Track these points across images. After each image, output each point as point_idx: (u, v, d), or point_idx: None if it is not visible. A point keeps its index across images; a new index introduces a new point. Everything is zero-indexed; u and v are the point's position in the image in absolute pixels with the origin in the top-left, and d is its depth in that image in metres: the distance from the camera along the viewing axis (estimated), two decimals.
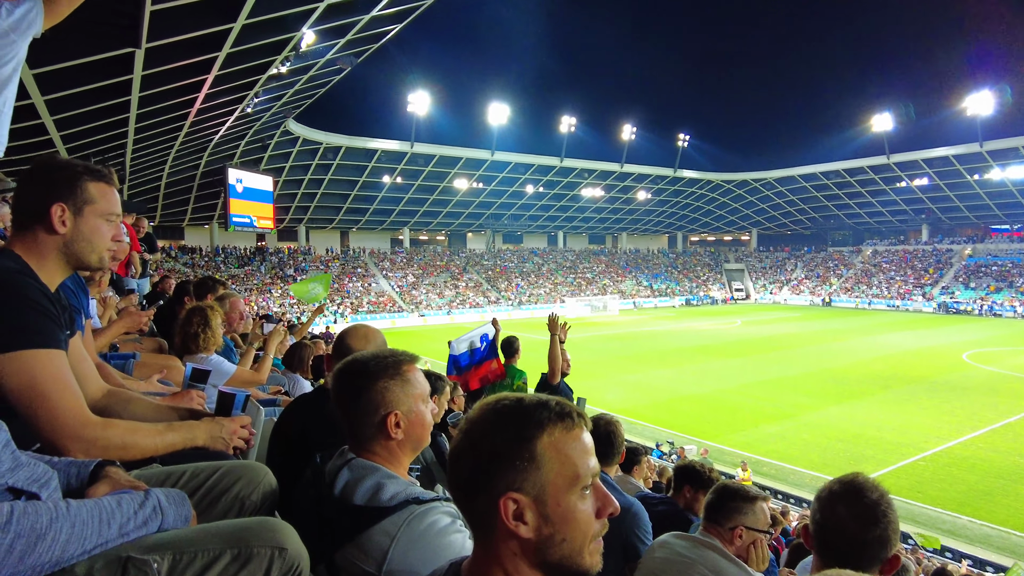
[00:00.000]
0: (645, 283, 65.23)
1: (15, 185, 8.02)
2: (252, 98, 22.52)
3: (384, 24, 21.27)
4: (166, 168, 32.11)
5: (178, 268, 42.56)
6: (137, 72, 14.64)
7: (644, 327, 43.35)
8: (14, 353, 1.33)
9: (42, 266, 1.51)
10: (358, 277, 52.41)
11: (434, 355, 28.77)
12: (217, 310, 3.27)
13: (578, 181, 58.81)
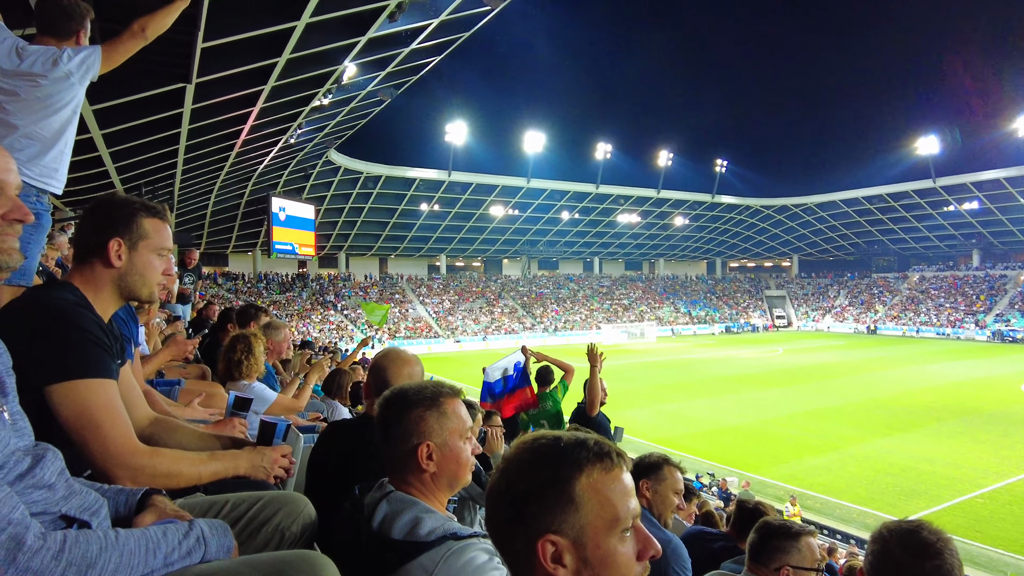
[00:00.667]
0: (683, 310, 64.35)
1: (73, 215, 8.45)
2: (295, 129, 23.21)
3: (423, 56, 21.78)
4: (212, 197, 33.23)
5: (222, 294, 43.69)
6: (187, 106, 15.26)
7: (683, 355, 42.66)
8: (70, 383, 1.38)
9: (98, 298, 1.57)
10: (396, 303, 52.99)
11: (469, 381, 28.79)
12: (260, 337, 3.34)
13: (614, 207, 58.72)
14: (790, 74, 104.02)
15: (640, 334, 53.75)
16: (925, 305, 58.08)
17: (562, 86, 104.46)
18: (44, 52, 2.58)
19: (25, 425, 1.18)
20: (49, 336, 1.40)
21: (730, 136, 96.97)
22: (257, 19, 12.62)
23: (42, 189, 2.63)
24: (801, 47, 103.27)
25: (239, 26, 12.42)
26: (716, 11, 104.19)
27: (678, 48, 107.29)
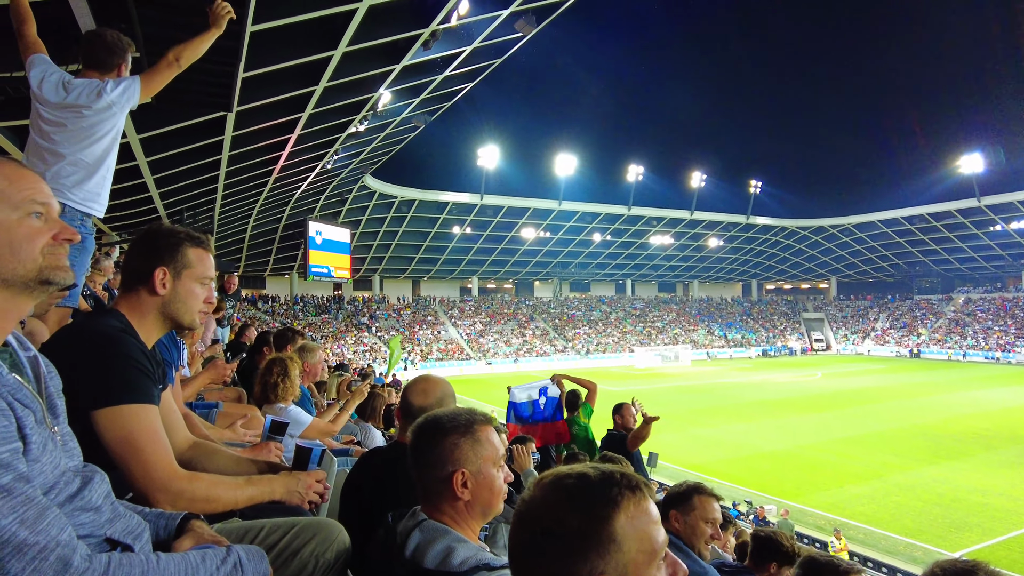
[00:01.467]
0: (719, 333, 63.33)
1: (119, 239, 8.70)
2: (332, 155, 23.73)
3: (456, 83, 22.15)
4: (251, 221, 34.07)
5: (259, 316, 44.53)
6: (228, 133, 15.77)
7: (718, 379, 41.88)
8: (114, 408, 1.43)
9: (143, 324, 1.62)
10: (428, 325, 53.32)
11: (500, 403, 28.65)
12: (296, 361, 3.40)
13: (646, 229, 58.42)
14: (827, 93, 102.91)
15: (674, 357, 52.99)
16: (972, 328, 56.13)
17: (593, 109, 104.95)
18: (88, 84, 2.76)
19: (74, 446, 1.22)
20: (95, 362, 1.45)
21: (764, 156, 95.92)
22: (296, 49, 13.01)
23: (86, 213, 2.78)
24: (838, 67, 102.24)
25: (278, 56, 12.82)
26: (750, 33, 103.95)
27: (711, 70, 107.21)
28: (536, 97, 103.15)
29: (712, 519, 2.91)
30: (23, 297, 1.08)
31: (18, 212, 1.05)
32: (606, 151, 79.62)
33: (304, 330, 44.41)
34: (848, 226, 60.96)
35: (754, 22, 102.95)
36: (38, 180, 1.10)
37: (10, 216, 1.04)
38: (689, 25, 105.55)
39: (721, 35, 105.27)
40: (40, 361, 1.17)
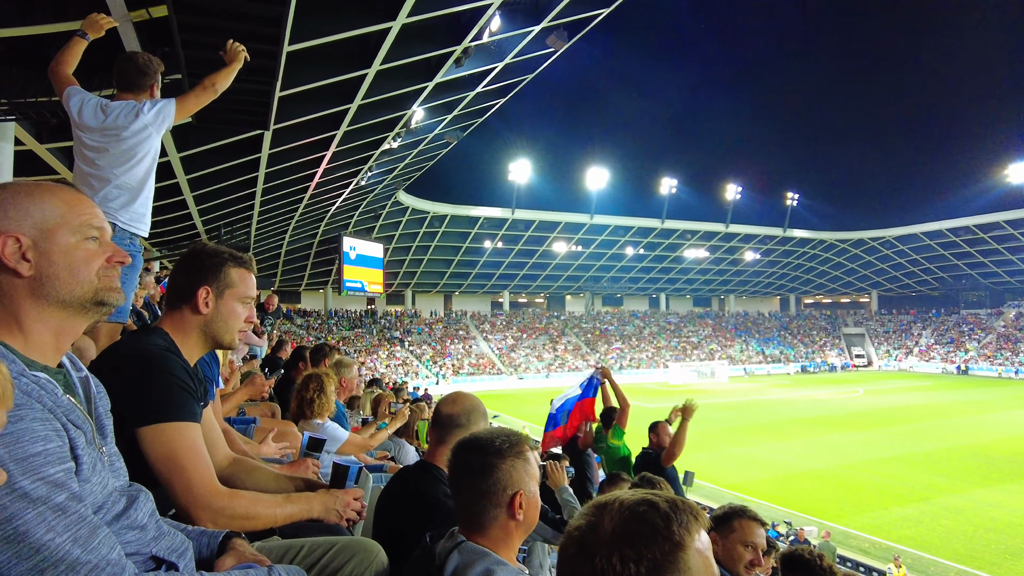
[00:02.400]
0: (756, 348, 62.14)
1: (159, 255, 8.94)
2: (366, 172, 24.09)
3: (488, 99, 22.34)
4: (287, 237, 34.75)
5: (294, 331, 45.27)
6: (265, 151, 16.15)
7: (756, 395, 41.06)
8: (159, 425, 1.45)
9: (186, 343, 1.65)
10: (459, 339, 53.52)
11: (531, 419, 28.51)
12: (332, 377, 3.43)
13: (680, 242, 57.83)
14: (866, 102, 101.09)
15: (711, 374, 52.09)
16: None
17: (625, 122, 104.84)
18: (125, 106, 2.91)
19: (121, 466, 1.24)
20: (140, 381, 1.48)
21: (801, 168, 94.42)
22: (331, 68, 13.29)
23: (133, 233, 2.89)
24: (878, 73, 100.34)
25: (314, 75, 13.11)
26: (785, 42, 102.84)
27: (745, 81, 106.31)
28: (567, 111, 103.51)
29: (752, 543, 2.83)
30: (79, 318, 1.11)
31: (76, 236, 1.09)
32: (638, 164, 79.42)
33: (338, 344, 44.96)
34: (889, 239, 59.41)
35: (789, 31, 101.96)
36: (93, 205, 1.14)
37: (69, 240, 1.08)
38: (722, 36, 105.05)
39: (756, 46, 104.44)
40: (91, 381, 1.20)
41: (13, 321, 1.05)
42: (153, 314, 6.17)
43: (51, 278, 1.06)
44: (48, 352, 1.09)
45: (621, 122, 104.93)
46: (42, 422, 0.96)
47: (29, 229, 1.05)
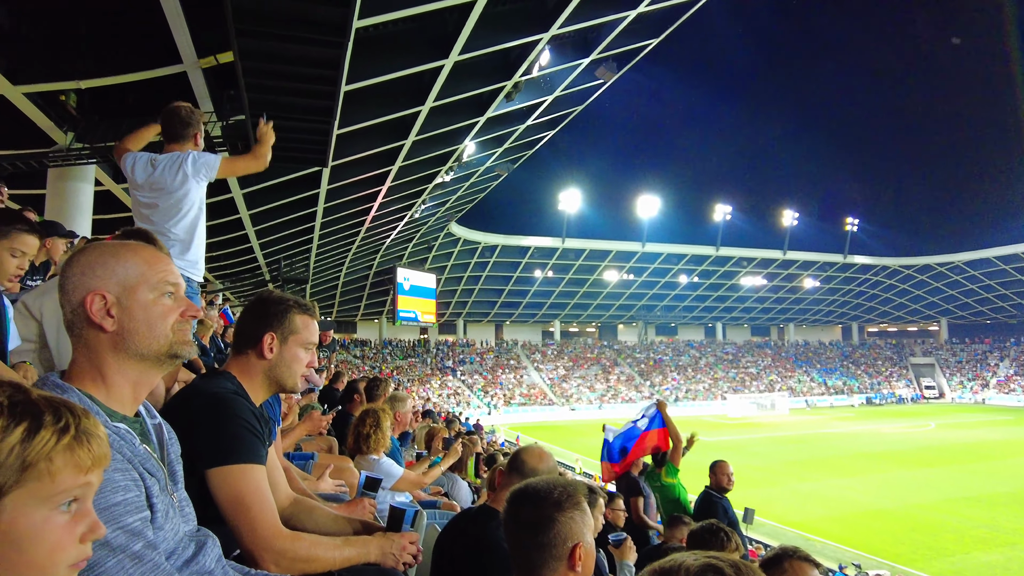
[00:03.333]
0: (818, 379, 59.74)
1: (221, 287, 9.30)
2: (420, 205, 24.60)
3: (538, 131, 22.60)
4: (344, 269, 35.69)
5: (350, 360, 46.14)
6: (323, 187, 16.74)
7: (819, 428, 39.33)
8: (226, 467, 1.50)
9: (251, 386, 1.71)
10: (510, 369, 53.44)
11: (583, 451, 28.07)
12: (387, 412, 3.47)
13: (736, 270, 56.57)
14: (928, 124, 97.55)
15: (770, 406, 50.23)
16: None
17: (675, 149, 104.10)
18: (171, 157, 3.15)
19: (191, 511, 1.28)
20: (210, 423, 1.53)
21: (860, 192, 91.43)
22: (386, 106, 13.72)
23: (189, 278, 3.10)
24: (940, 90, 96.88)
25: (370, 113, 13.56)
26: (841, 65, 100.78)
27: (798, 105, 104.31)
28: (617, 139, 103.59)
29: None
30: (155, 369, 1.17)
31: (154, 292, 1.16)
32: (691, 191, 78.61)
33: (392, 374, 45.48)
34: (958, 264, 56.56)
35: (843, 57, 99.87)
36: (170, 262, 1.21)
37: (148, 296, 1.15)
38: (774, 62, 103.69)
39: (809, 72, 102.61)
40: (163, 428, 1.25)
41: (97, 373, 1.11)
42: (216, 347, 6.40)
43: (131, 332, 1.12)
44: (127, 402, 1.14)
45: (672, 149, 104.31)
46: (122, 472, 1.00)
47: (113, 287, 1.12)
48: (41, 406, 0.72)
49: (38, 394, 0.74)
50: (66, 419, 0.73)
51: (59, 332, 2.35)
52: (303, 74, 8.40)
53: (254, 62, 7.96)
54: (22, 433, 0.69)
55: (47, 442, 0.70)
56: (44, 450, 0.70)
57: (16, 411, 0.70)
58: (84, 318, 1.10)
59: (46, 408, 0.72)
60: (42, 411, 0.72)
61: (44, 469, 0.70)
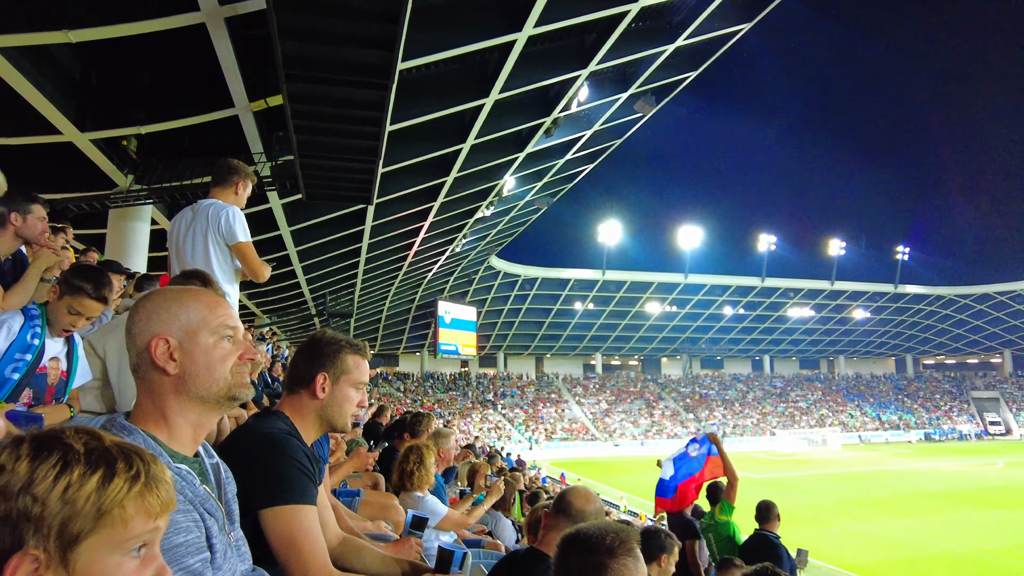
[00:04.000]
0: (871, 413, 57.33)
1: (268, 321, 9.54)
2: (461, 239, 24.91)
3: (577, 165, 22.77)
4: (387, 302, 36.21)
5: (392, 393, 46.46)
6: (368, 223, 17.12)
7: (874, 465, 37.58)
8: (279, 508, 1.52)
9: (303, 426, 1.74)
10: (552, 403, 52.92)
11: (627, 488, 27.45)
12: (431, 448, 3.47)
13: (783, 301, 55.23)
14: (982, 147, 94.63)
15: (822, 441, 48.29)
16: None
17: (717, 180, 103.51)
18: (213, 204, 3.33)
19: (246, 550, 1.30)
20: (264, 464, 1.56)
21: (910, 220, 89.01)
22: (429, 144, 14.05)
23: None
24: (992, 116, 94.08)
25: (413, 151, 13.89)
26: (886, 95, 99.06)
27: (842, 132, 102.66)
28: (657, 171, 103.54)
29: None
30: (214, 412, 1.21)
31: (214, 336, 1.19)
32: (733, 222, 77.84)
33: (433, 406, 45.61)
34: (1019, 292, 54.02)
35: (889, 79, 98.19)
36: (229, 307, 1.25)
37: (208, 340, 1.19)
38: (817, 90, 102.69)
39: (852, 95, 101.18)
40: (221, 468, 1.28)
41: (160, 415, 1.15)
42: (264, 382, 6.53)
43: (192, 376, 1.16)
44: (187, 443, 1.18)
45: (713, 180, 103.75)
46: (184, 513, 1.03)
47: (176, 331, 1.16)
48: (114, 453, 0.75)
49: (110, 440, 0.77)
50: (137, 466, 0.76)
51: (120, 371, 2.44)
52: (349, 116, 8.69)
53: (302, 105, 8.27)
54: (98, 481, 0.71)
55: (120, 489, 0.73)
56: (118, 497, 0.72)
57: (92, 458, 0.73)
58: (149, 362, 1.14)
59: (119, 455, 0.75)
60: (115, 458, 0.74)
61: (118, 516, 0.72)
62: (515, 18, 10.46)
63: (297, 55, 7.18)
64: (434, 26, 10.07)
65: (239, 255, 3.32)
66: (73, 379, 2.49)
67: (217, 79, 9.24)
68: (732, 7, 14.75)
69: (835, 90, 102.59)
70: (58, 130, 9.34)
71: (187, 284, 2.39)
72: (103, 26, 7.66)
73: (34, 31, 7.44)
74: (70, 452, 0.72)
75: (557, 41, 12.65)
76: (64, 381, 2.45)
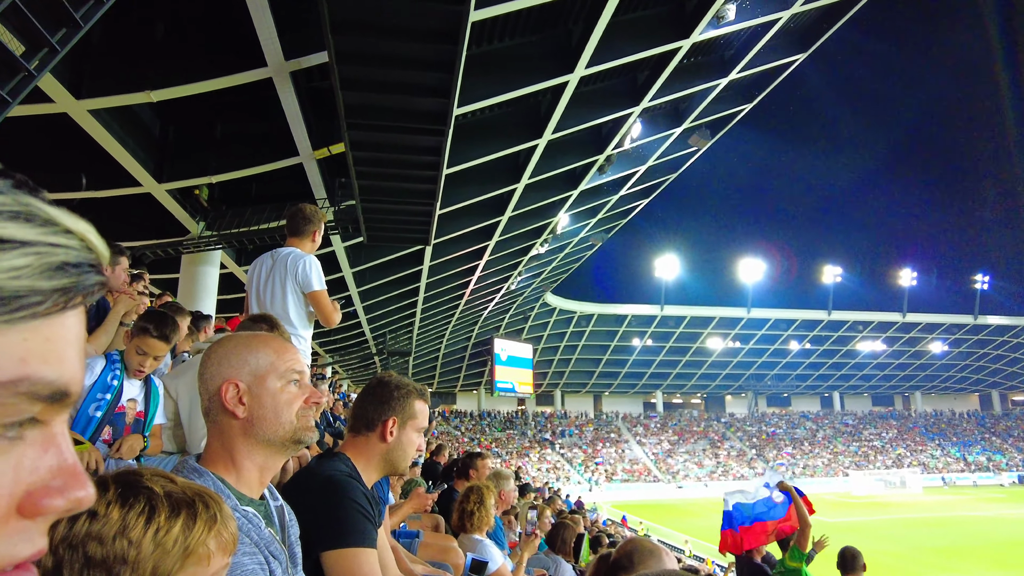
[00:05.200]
0: (955, 453, 53.57)
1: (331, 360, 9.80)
2: (516, 277, 25.08)
3: (632, 200, 22.72)
4: (444, 341, 36.61)
5: (450, 432, 46.52)
6: (426, 263, 17.47)
7: (962, 510, 35.00)
8: (341, 551, 1.54)
9: (366, 468, 1.77)
10: (611, 443, 51.78)
11: (693, 532, 26.37)
12: (492, 489, 3.44)
13: (851, 335, 52.83)
14: None
15: (900, 483, 45.29)
16: None
17: (776, 212, 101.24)
18: (291, 253, 3.45)
19: None
20: (327, 506, 1.58)
21: (988, 247, 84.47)
22: (484, 185, 14.33)
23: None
24: None
25: (469, 193, 14.19)
26: (954, 119, 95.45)
27: (909, 162, 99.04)
28: (714, 204, 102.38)
29: None
30: (280, 455, 1.24)
31: (282, 381, 1.23)
32: (795, 254, 75.54)
33: (490, 445, 45.35)
34: None
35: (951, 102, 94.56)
36: (296, 351, 1.29)
37: (275, 384, 1.22)
38: (878, 117, 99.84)
39: (916, 119, 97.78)
40: (285, 510, 1.31)
41: (228, 458, 1.19)
42: (326, 421, 6.66)
43: (260, 420, 1.19)
44: (254, 486, 1.21)
45: (772, 211, 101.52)
46: (250, 556, 1.05)
47: (246, 376, 1.20)
48: (191, 496, 0.80)
49: (183, 484, 0.82)
50: (213, 508, 0.81)
51: (191, 412, 2.55)
52: (408, 161, 8.99)
53: (364, 152, 8.61)
54: (182, 524, 0.77)
55: (202, 530, 0.78)
56: (202, 538, 0.77)
57: (173, 502, 0.78)
58: (219, 405, 1.19)
59: (196, 498, 0.80)
60: (194, 501, 0.79)
61: (203, 555, 0.77)
62: (567, 60, 10.67)
63: (358, 104, 7.51)
64: (488, 71, 10.38)
65: (313, 302, 3.44)
66: (151, 419, 2.62)
67: (283, 129, 9.75)
68: (786, 38, 14.64)
69: (899, 116, 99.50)
70: (138, 182, 10.00)
71: (255, 327, 2.50)
72: (181, 85, 8.23)
73: (122, 93, 8.06)
74: (154, 496, 0.77)
75: (609, 80, 12.80)
76: (141, 421, 2.58)
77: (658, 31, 11.31)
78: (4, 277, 0.30)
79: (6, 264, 0.30)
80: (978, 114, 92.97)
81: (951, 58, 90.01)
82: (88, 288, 0.33)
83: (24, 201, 0.32)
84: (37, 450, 0.33)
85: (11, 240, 0.30)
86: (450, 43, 6.60)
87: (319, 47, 7.72)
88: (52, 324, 0.32)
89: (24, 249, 0.30)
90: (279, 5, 7.37)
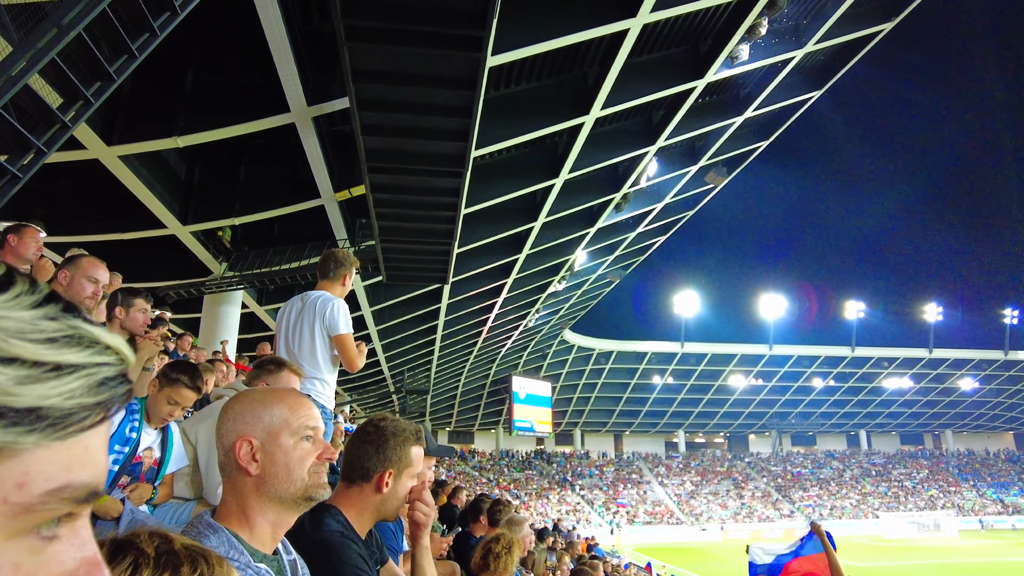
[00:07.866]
0: (991, 495, 51.64)
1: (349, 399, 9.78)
2: (534, 314, 25.06)
3: (649, 237, 22.74)
4: (462, 379, 36.46)
5: (467, 472, 45.91)
6: (444, 301, 17.55)
7: (1002, 555, 33.49)
8: None
9: (359, 520, 1.71)
10: (632, 484, 50.71)
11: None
12: (518, 543, 3.36)
13: (877, 371, 51.71)
14: None
15: (934, 526, 43.68)
16: None
17: (796, 248, 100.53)
18: (321, 296, 3.50)
19: None
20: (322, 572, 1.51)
21: (1017, 281, 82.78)
22: (501, 224, 14.45)
23: (323, 405, 3.34)
24: None
25: (487, 232, 14.31)
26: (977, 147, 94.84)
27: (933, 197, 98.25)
28: (733, 240, 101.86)
29: None
30: (291, 512, 1.24)
31: (295, 437, 1.23)
32: (817, 290, 74.71)
33: (509, 487, 44.61)
34: None
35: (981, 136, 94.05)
36: (312, 406, 1.30)
37: (288, 441, 1.22)
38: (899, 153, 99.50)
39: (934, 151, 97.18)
40: (298, 564, 1.30)
41: (242, 514, 1.19)
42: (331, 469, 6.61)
43: (272, 476, 1.20)
44: (267, 541, 1.21)
45: (792, 247, 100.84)
46: None
47: (260, 432, 1.21)
48: (182, 557, 0.80)
49: (180, 543, 0.82)
50: (201, 569, 0.80)
51: (209, 458, 2.56)
52: (427, 202, 9.13)
53: (384, 194, 8.77)
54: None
55: None
56: None
57: (160, 562, 0.78)
58: (234, 462, 1.20)
59: (185, 559, 0.80)
60: (182, 562, 0.79)
61: None
62: (583, 102, 10.84)
63: (378, 149, 7.68)
64: (505, 114, 10.57)
65: (338, 346, 3.46)
66: (167, 466, 2.62)
67: (305, 172, 9.97)
68: (801, 75, 14.76)
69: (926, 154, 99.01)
70: (163, 224, 10.25)
71: (262, 371, 2.52)
72: (206, 131, 8.49)
73: (150, 139, 8.33)
74: (141, 556, 0.77)
75: (624, 120, 12.97)
76: (156, 469, 2.59)
77: (673, 72, 11.48)
78: (60, 399, 0.33)
79: (64, 388, 0.33)
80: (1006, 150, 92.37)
81: (976, 96, 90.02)
82: (121, 398, 0.36)
83: (73, 324, 0.35)
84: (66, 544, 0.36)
85: (69, 365, 0.33)
86: (468, 89, 6.76)
87: (340, 93, 7.95)
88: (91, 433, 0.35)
89: (77, 373, 0.34)
90: (302, 54, 7.63)
